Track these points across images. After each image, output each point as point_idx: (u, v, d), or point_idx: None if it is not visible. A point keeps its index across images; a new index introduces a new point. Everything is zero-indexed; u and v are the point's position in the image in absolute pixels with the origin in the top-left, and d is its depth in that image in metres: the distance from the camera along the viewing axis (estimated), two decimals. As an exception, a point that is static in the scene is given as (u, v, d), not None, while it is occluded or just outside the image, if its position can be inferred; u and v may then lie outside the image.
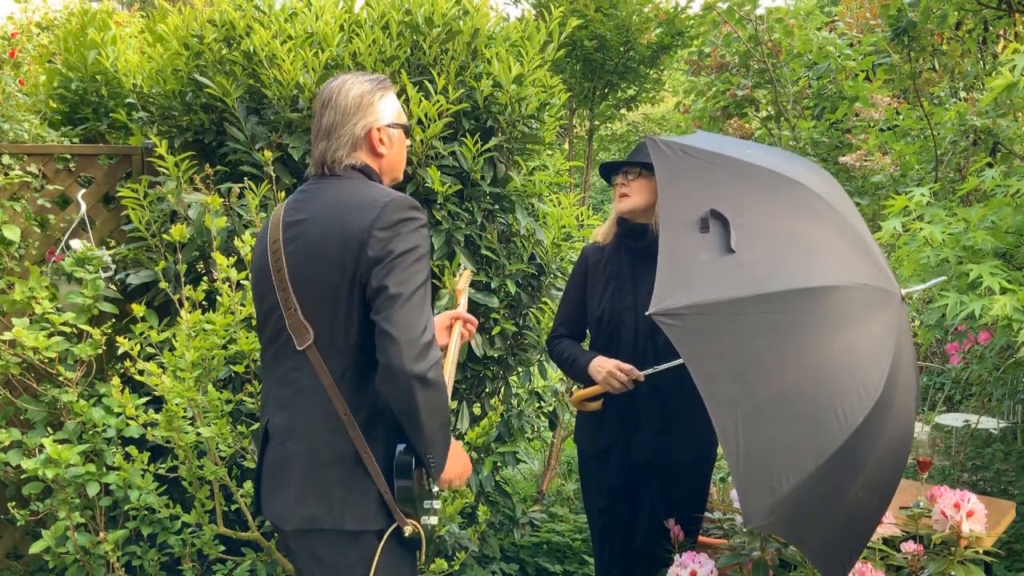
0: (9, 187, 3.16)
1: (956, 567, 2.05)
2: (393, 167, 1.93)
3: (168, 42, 3.26)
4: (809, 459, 1.60)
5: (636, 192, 2.50)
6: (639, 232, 2.52)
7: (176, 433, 2.59)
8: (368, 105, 1.85)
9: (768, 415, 1.62)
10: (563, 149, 7.26)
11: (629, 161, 2.50)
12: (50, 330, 2.85)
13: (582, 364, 2.46)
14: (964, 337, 4.22)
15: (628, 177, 2.49)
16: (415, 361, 1.62)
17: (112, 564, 2.81)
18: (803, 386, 1.67)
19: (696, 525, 2.49)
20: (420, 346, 1.63)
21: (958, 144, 3.81)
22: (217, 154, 3.21)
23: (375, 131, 1.86)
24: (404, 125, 1.92)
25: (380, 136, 1.86)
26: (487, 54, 3.18)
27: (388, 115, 1.89)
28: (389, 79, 1.94)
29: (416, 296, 1.66)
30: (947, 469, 4.70)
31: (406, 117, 1.93)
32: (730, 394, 1.60)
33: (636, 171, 2.49)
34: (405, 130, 1.93)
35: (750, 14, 4.41)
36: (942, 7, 3.77)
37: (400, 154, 1.93)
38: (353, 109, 1.84)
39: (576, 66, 7.22)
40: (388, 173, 1.92)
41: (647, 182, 2.48)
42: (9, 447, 2.83)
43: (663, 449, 2.45)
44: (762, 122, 4.94)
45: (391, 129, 1.89)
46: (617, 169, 2.55)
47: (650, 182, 2.48)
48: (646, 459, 2.46)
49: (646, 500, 2.50)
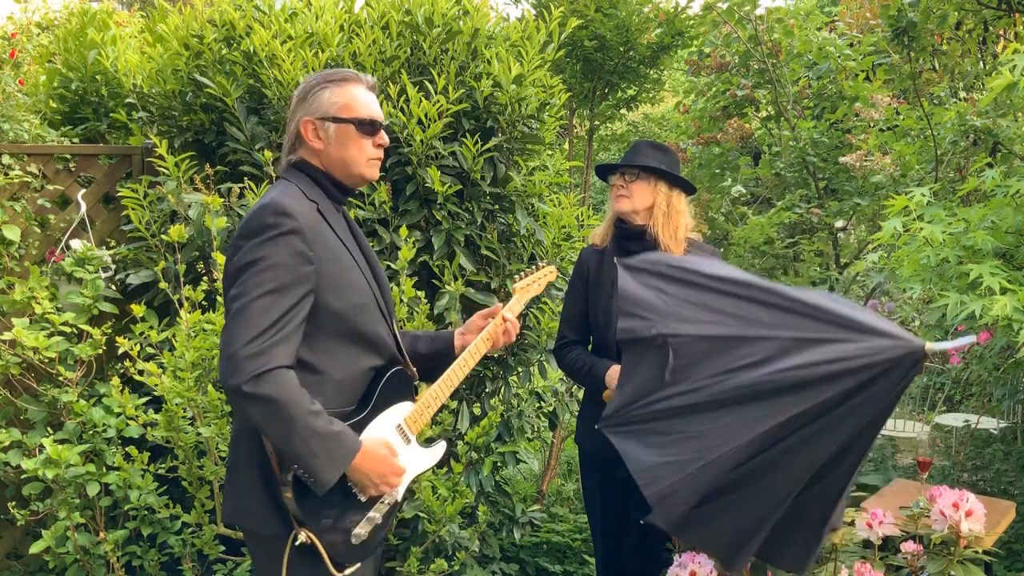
0: (9, 187, 3.16)
1: (956, 567, 2.05)
2: (339, 163, 1.81)
3: (168, 42, 3.26)
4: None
5: (635, 193, 2.50)
6: (637, 235, 2.52)
7: (176, 433, 2.60)
8: (303, 99, 1.81)
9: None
10: (563, 149, 7.25)
11: (629, 163, 2.50)
12: (50, 330, 2.85)
13: (599, 372, 2.44)
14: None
15: (627, 178, 2.49)
16: (229, 376, 1.59)
17: (112, 564, 2.81)
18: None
19: None
20: (236, 360, 1.59)
21: (958, 144, 3.81)
22: (217, 154, 3.21)
23: (305, 124, 1.80)
24: (350, 119, 1.79)
25: (312, 129, 1.79)
26: (487, 54, 3.18)
27: (324, 107, 1.79)
28: (358, 75, 1.85)
29: (249, 308, 1.61)
30: (947, 469, 4.70)
31: (373, 114, 1.81)
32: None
33: (635, 173, 2.49)
34: (358, 124, 1.79)
35: (750, 14, 4.40)
36: (942, 7, 3.77)
37: (346, 150, 1.80)
38: (295, 104, 1.82)
39: (576, 66, 7.21)
40: (337, 169, 1.82)
41: (646, 184, 2.49)
42: (9, 447, 2.83)
43: None
44: (762, 122, 4.94)
45: (327, 123, 1.79)
46: (614, 170, 2.55)
47: (648, 184, 2.49)
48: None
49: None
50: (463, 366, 1.97)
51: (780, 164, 4.53)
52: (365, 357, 1.82)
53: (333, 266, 1.74)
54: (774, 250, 4.25)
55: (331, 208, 1.83)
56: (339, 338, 1.77)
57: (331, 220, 1.79)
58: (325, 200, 1.82)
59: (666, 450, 1.72)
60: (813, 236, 4.52)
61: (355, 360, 1.80)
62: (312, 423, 1.62)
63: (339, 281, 1.75)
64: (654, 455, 1.72)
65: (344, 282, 1.76)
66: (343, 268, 1.77)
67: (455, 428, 3.09)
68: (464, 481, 2.89)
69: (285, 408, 1.60)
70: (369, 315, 1.82)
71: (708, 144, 4.88)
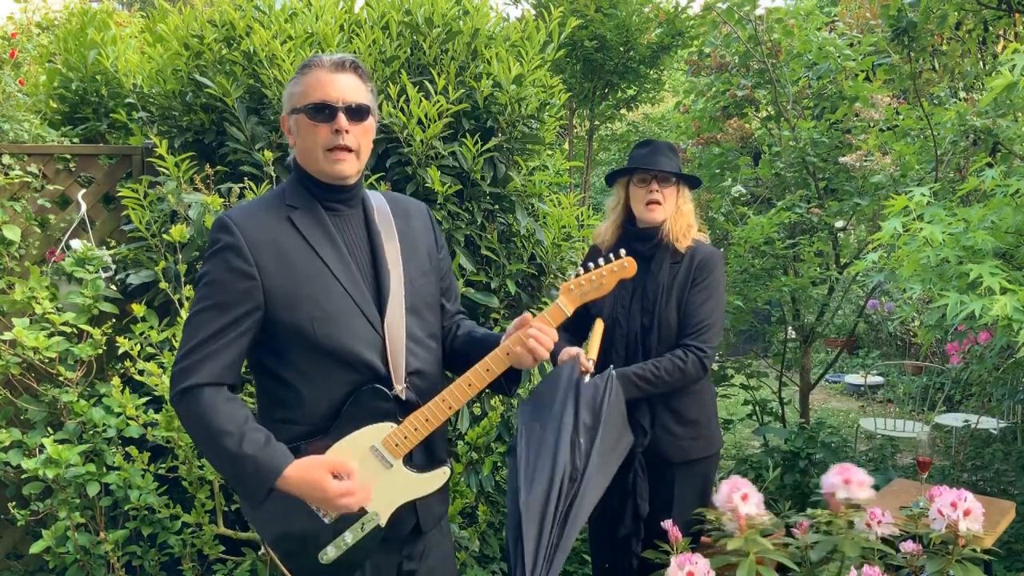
0: (9, 187, 3.16)
1: (955, 566, 2.05)
2: (304, 157, 1.71)
3: (168, 42, 3.26)
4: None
5: (667, 200, 2.54)
6: (648, 236, 2.55)
7: (176, 433, 2.60)
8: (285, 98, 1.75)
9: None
10: (563, 149, 7.25)
11: (664, 171, 2.52)
12: (50, 330, 2.85)
13: (554, 355, 2.41)
14: (964, 337, 4.22)
15: (662, 185, 2.52)
16: (169, 388, 1.66)
17: (112, 564, 2.81)
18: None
19: (696, 527, 2.49)
20: (174, 372, 1.63)
21: (958, 144, 3.81)
22: (217, 154, 3.21)
23: (283, 121, 1.74)
24: (302, 107, 1.66)
25: (286, 126, 1.74)
26: (487, 54, 3.18)
27: (289, 101, 1.71)
28: (320, 57, 1.70)
29: (188, 323, 1.65)
30: (947, 469, 4.70)
31: (324, 96, 1.65)
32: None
33: (671, 181, 2.53)
34: (308, 111, 1.66)
35: (750, 14, 4.40)
36: (942, 7, 3.77)
37: (303, 141, 1.69)
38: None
39: (576, 66, 7.22)
40: (306, 165, 1.72)
41: (672, 189, 2.54)
42: (9, 447, 2.83)
43: (652, 448, 2.48)
44: (762, 122, 4.94)
45: (291, 116, 1.70)
46: (627, 173, 2.56)
47: (673, 189, 2.54)
48: (637, 457, 2.48)
49: (637, 497, 2.50)
50: (464, 386, 1.75)
51: (780, 164, 4.53)
52: (339, 373, 1.69)
53: (285, 279, 1.65)
54: (774, 250, 4.25)
55: (313, 210, 1.71)
56: (307, 353, 1.68)
57: (303, 225, 1.69)
58: (308, 201, 1.72)
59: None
60: (813, 236, 4.52)
61: (327, 376, 1.69)
62: (224, 444, 1.59)
63: (293, 293, 1.66)
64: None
65: (300, 294, 1.66)
66: (301, 280, 1.66)
67: (455, 428, 3.09)
68: (464, 481, 2.90)
69: (200, 426, 1.61)
70: (338, 328, 1.67)
71: (708, 144, 4.88)
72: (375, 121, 1.75)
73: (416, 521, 1.81)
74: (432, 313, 1.84)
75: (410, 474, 1.76)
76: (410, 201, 1.94)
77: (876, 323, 8.29)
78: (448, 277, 1.95)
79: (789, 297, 4.59)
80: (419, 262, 1.82)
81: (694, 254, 2.53)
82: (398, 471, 1.74)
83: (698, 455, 2.53)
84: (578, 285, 1.84)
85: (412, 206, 1.91)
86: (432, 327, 1.84)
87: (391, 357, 1.72)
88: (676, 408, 2.50)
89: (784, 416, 5.12)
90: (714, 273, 2.51)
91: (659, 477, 2.51)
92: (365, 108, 1.69)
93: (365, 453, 1.71)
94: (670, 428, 2.49)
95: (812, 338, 4.80)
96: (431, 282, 1.84)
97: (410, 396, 1.75)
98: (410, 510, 1.79)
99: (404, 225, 1.82)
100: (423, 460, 1.79)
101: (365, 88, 1.71)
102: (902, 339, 8.39)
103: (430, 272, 1.85)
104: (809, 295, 4.69)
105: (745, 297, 4.40)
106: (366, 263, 1.75)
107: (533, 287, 3.38)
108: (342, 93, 1.66)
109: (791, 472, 4.21)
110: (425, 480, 1.78)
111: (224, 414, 1.60)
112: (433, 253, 1.88)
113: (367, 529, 1.71)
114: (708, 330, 2.47)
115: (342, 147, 1.66)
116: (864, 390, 7.14)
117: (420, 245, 1.84)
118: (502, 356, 1.75)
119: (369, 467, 1.70)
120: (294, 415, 1.70)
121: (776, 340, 5.32)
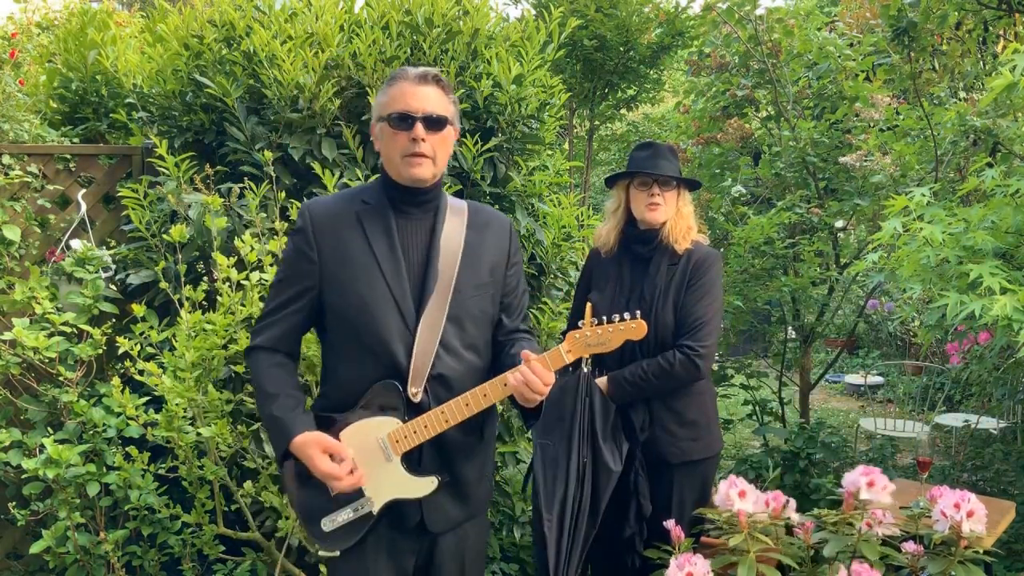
0: (9, 187, 3.16)
1: (956, 567, 2.05)
2: (386, 160, 1.87)
3: (168, 42, 3.26)
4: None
5: (668, 202, 2.54)
6: (649, 238, 2.55)
7: (176, 433, 2.59)
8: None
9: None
10: (563, 149, 7.26)
11: (666, 175, 2.52)
12: (50, 330, 2.85)
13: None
14: (964, 337, 4.23)
15: (663, 188, 2.52)
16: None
17: (112, 564, 2.81)
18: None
19: (697, 527, 2.49)
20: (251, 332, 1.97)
21: (958, 144, 3.81)
22: (217, 154, 3.21)
23: (372, 129, 1.90)
24: (385, 116, 1.81)
25: (374, 134, 1.89)
26: (487, 54, 3.18)
27: (375, 110, 1.88)
28: (405, 70, 1.85)
29: (269, 289, 1.94)
30: (947, 469, 4.71)
31: (405, 107, 1.78)
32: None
33: (672, 184, 2.53)
34: (390, 120, 1.80)
35: (750, 14, 4.40)
36: (942, 7, 3.77)
37: (386, 147, 1.84)
38: None
39: (576, 66, 7.22)
40: (387, 168, 1.87)
41: (673, 192, 2.55)
42: (9, 447, 2.83)
43: (651, 448, 2.50)
44: (762, 122, 4.93)
45: (377, 124, 1.86)
46: (628, 177, 2.57)
47: (673, 192, 2.55)
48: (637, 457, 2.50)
49: (640, 497, 2.51)
50: (462, 405, 1.80)
51: (780, 164, 4.53)
52: (367, 361, 1.82)
53: (340, 266, 1.82)
54: (774, 250, 4.25)
55: (381, 209, 1.85)
56: (345, 338, 1.85)
57: (367, 220, 1.84)
58: (381, 200, 1.86)
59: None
60: (813, 236, 4.52)
61: (357, 363, 1.84)
62: (263, 402, 1.83)
63: (343, 280, 1.81)
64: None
65: (347, 281, 1.81)
66: (354, 269, 1.81)
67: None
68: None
69: (254, 383, 1.89)
70: (375, 321, 1.80)
71: (708, 144, 4.87)
72: (454, 130, 1.89)
73: (420, 518, 1.87)
74: (476, 326, 1.90)
75: (403, 472, 1.83)
76: (494, 216, 2.02)
77: (876, 323, 8.30)
78: (514, 295, 2.01)
79: (789, 297, 4.59)
80: (477, 275, 1.89)
81: (691, 255, 2.53)
82: (395, 467, 1.82)
83: (698, 456, 2.53)
84: (583, 336, 1.86)
85: (494, 221, 1.99)
86: (473, 339, 1.89)
87: (416, 358, 1.81)
88: (676, 408, 2.50)
89: (784, 416, 5.12)
90: (710, 273, 2.51)
91: (658, 477, 2.51)
92: (443, 119, 1.82)
93: (372, 442, 1.82)
94: (670, 428, 2.49)
95: (812, 338, 4.80)
96: (485, 296, 1.91)
97: (424, 400, 1.82)
98: (414, 506, 1.85)
99: (474, 237, 1.91)
100: (426, 464, 1.85)
101: (446, 100, 1.84)
102: (902, 339, 8.39)
103: (487, 286, 1.91)
104: (809, 295, 4.69)
105: (745, 297, 4.40)
106: (418, 265, 1.85)
107: (533, 287, 3.38)
108: (423, 104, 1.79)
109: (791, 472, 4.21)
110: (413, 483, 1.83)
111: (269, 376, 1.84)
112: (499, 269, 1.95)
113: (360, 512, 1.83)
114: (702, 328, 2.46)
115: (418, 153, 1.79)
116: (864, 390, 7.14)
117: (484, 259, 1.91)
118: (500, 385, 1.81)
119: (372, 456, 1.81)
120: (328, 391, 1.91)
121: (776, 340, 5.32)
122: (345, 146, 3.11)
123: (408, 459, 1.83)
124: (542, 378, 1.76)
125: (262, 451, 2.79)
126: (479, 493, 1.97)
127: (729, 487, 2.18)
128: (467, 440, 1.90)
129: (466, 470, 1.92)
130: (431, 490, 1.84)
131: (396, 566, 1.89)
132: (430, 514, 1.87)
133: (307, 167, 3.05)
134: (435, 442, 1.84)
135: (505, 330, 1.98)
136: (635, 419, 2.48)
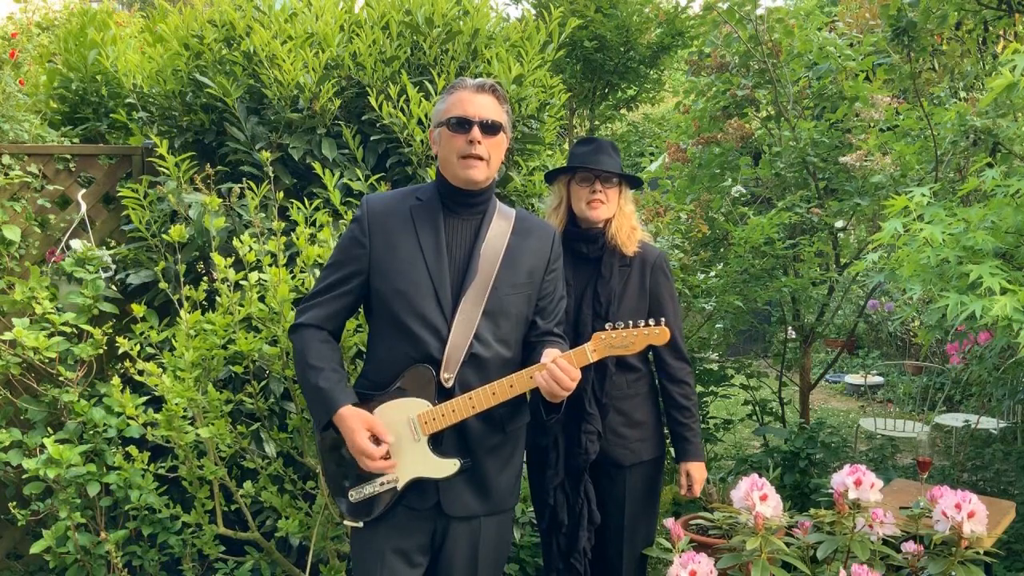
0: (9, 187, 3.16)
1: (957, 567, 2.05)
2: (443, 164, 2.00)
3: (168, 42, 3.26)
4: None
5: (611, 200, 2.48)
6: (592, 237, 2.51)
7: (176, 433, 2.59)
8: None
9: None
10: (563, 149, 7.25)
11: (608, 171, 2.46)
12: (50, 330, 2.85)
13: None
14: (964, 337, 4.22)
15: (605, 185, 2.47)
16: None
17: (113, 564, 2.81)
18: None
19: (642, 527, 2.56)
20: (296, 311, 2.05)
21: (958, 144, 3.80)
22: (217, 154, 3.21)
23: (430, 134, 2.05)
24: (444, 121, 1.96)
25: (432, 139, 2.04)
26: (487, 54, 3.18)
27: (434, 117, 2.03)
28: (464, 80, 2.00)
29: (322, 270, 2.06)
30: (947, 469, 4.70)
31: (464, 112, 1.95)
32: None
33: (614, 181, 2.48)
34: (449, 124, 1.95)
35: (750, 14, 4.39)
36: (942, 7, 3.76)
37: (443, 150, 1.99)
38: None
39: (576, 66, 7.22)
40: (443, 170, 2.01)
41: (615, 189, 2.49)
42: (10, 447, 2.83)
43: (603, 452, 2.49)
44: (762, 122, 4.93)
45: (436, 129, 2.01)
46: (569, 172, 2.52)
47: (615, 189, 2.49)
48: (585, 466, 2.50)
49: (591, 504, 2.50)
50: (489, 393, 1.92)
51: (780, 164, 4.52)
52: (404, 347, 1.95)
53: (388, 255, 1.96)
54: (774, 250, 4.24)
55: (433, 206, 2.00)
56: (386, 322, 1.98)
57: (418, 215, 1.99)
58: (433, 198, 2.01)
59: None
60: (813, 236, 4.52)
61: (394, 347, 1.97)
62: (307, 375, 1.95)
63: (389, 268, 1.96)
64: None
65: (393, 268, 1.95)
66: (399, 258, 1.95)
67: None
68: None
69: (297, 357, 2.00)
70: (413, 307, 1.93)
71: (708, 144, 4.86)
72: (507, 137, 2.04)
73: (437, 499, 1.98)
74: (510, 323, 2.01)
75: (428, 453, 1.95)
76: (540, 225, 2.15)
77: (876, 323, 8.30)
78: (549, 298, 2.11)
79: (789, 297, 4.58)
80: (515, 276, 2.01)
81: (644, 257, 2.51)
82: (421, 446, 1.95)
83: (648, 456, 2.54)
84: (609, 337, 1.97)
85: (538, 229, 2.12)
86: (506, 334, 2.01)
87: (450, 346, 1.93)
88: (624, 410, 2.50)
89: (784, 416, 5.12)
90: (668, 282, 2.54)
91: (610, 481, 2.51)
92: (498, 125, 1.97)
93: (403, 420, 1.95)
94: (620, 432, 2.49)
95: (812, 338, 4.79)
96: (521, 296, 2.03)
97: (455, 386, 1.95)
98: (432, 486, 1.97)
99: (517, 242, 2.03)
100: (448, 447, 1.97)
101: (501, 108, 2.01)
102: (902, 339, 8.39)
103: (524, 287, 2.03)
104: (809, 295, 4.68)
105: (745, 297, 4.40)
106: (460, 261, 1.98)
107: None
108: (479, 111, 1.95)
109: (791, 472, 4.21)
110: (436, 463, 1.95)
111: (315, 351, 1.96)
112: (537, 273, 2.06)
113: (384, 487, 1.96)
114: (681, 347, 2.56)
115: (474, 155, 1.94)
116: (864, 390, 7.14)
117: (524, 262, 2.03)
118: (526, 378, 1.92)
119: (402, 434, 1.95)
120: (369, 370, 2.06)
121: (776, 340, 5.32)
122: (345, 146, 3.11)
123: (434, 440, 1.95)
124: (569, 374, 1.87)
125: (262, 451, 2.79)
126: (500, 488, 2.05)
127: (752, 488, 2.16)
128: (488, 432, 2.00)
129: (487, 462, 2.01)
130: (452, 471, 1.95)
131: (412, 542, 1.99)
132: (446, 496, 1.97)
133: (307, 167, 3.05)
134: (458, 430, 1.96)
135: (538, 331, 2.08)
136: (593, 426, 2.46)
